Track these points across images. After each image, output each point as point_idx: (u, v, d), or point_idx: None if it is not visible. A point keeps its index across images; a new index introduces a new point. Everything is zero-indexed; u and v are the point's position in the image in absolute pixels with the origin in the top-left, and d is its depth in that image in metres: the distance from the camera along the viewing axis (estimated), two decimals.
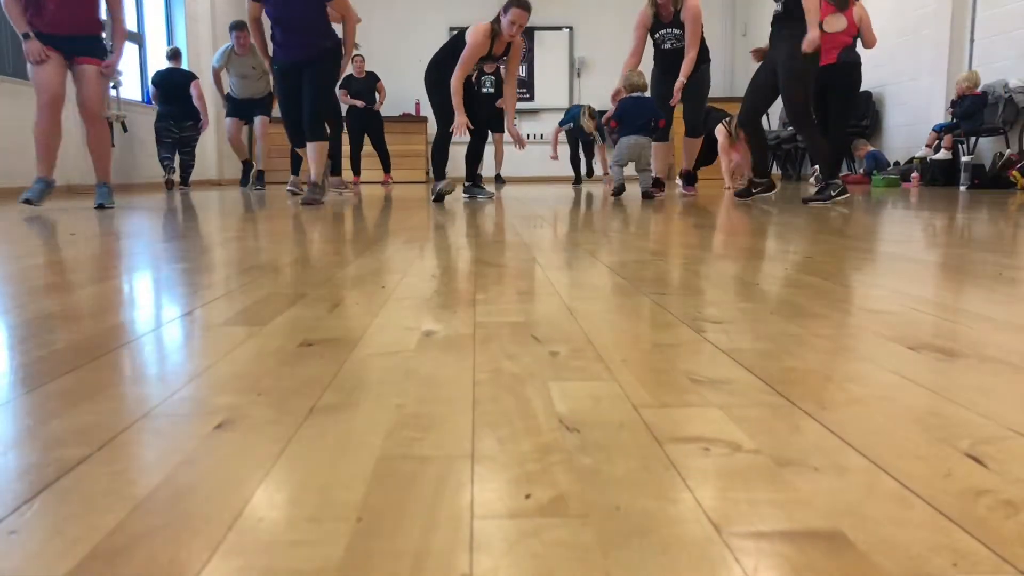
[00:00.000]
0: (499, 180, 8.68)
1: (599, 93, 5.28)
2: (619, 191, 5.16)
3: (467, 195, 5.30)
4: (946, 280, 1.47)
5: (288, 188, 6.37)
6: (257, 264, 1.77)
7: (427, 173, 10.79)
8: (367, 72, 8.52)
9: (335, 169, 7.30)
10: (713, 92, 5.53)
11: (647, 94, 5.24)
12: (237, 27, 7.07)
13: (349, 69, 8.54)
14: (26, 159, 6.32)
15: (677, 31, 5.08)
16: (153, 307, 1.25)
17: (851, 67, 5.51)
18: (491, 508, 0.49)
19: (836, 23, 5.39)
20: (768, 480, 0.53)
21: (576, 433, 0.63)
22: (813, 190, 4.71)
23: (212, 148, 9.48)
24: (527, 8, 4.68)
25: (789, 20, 4.12)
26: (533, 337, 0.98)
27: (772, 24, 4.34)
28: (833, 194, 4.22)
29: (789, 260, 1.76)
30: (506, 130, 5.13)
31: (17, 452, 0.60)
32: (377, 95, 8.49)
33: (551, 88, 11.51)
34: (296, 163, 6.68)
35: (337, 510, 0.49)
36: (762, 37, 7.20)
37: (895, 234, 2.40)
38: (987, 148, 6.57)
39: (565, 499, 0.50)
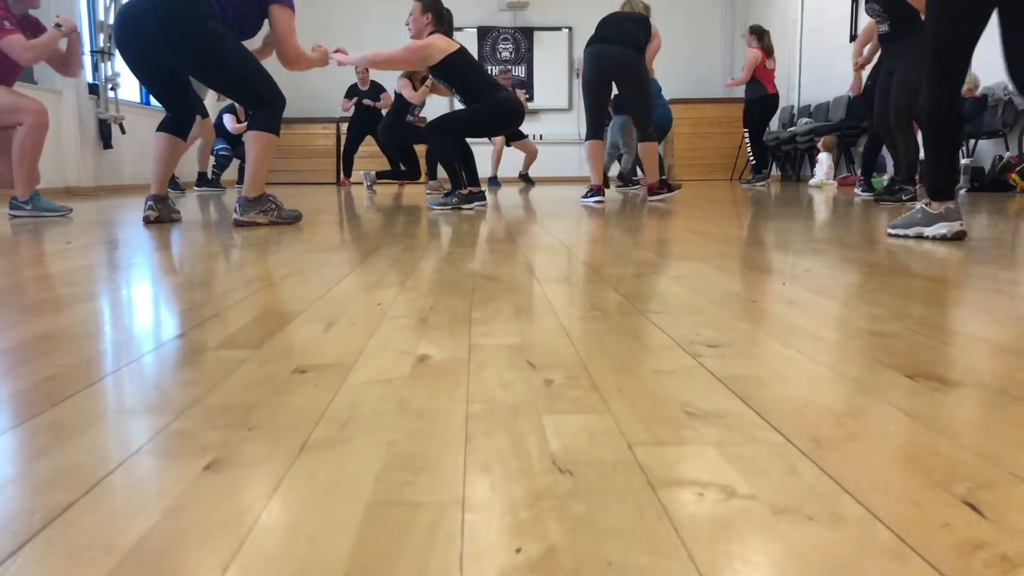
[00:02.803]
0: (526, 180, 9.10)
1: None
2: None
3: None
4: (945, 297, 1.46)
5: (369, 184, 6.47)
6: (254, 277, 1.77)
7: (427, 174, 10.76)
8: (371, 83, 8.55)
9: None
10: (713, 93, 5.49)
11: None
12: None
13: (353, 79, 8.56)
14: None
15: None
16: (148, 327, 1.25)
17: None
18: (481, 564, 0.48)
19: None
20: (762, 530, 0.52)
21: (569, 475, 0.62)
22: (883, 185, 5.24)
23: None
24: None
25: (902, 38, 4.69)
26: (528, 363, 0.97)
27: (881, 41, 4.94)
28: (904, 198, 4.72)
29: (786, 274, 1.75)
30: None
31: (3, 496, 0.59)
32: (382, 99, 8.48)
33: (551, 88, 11.50)
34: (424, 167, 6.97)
35: (324, 566, 0.48)
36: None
37: (894, 243, 2.39)
38: (987, 151, 6.56)
39: (556, 553, 0.50)
